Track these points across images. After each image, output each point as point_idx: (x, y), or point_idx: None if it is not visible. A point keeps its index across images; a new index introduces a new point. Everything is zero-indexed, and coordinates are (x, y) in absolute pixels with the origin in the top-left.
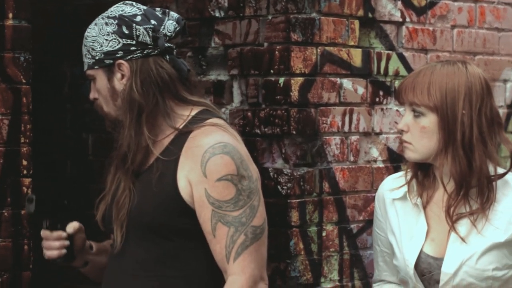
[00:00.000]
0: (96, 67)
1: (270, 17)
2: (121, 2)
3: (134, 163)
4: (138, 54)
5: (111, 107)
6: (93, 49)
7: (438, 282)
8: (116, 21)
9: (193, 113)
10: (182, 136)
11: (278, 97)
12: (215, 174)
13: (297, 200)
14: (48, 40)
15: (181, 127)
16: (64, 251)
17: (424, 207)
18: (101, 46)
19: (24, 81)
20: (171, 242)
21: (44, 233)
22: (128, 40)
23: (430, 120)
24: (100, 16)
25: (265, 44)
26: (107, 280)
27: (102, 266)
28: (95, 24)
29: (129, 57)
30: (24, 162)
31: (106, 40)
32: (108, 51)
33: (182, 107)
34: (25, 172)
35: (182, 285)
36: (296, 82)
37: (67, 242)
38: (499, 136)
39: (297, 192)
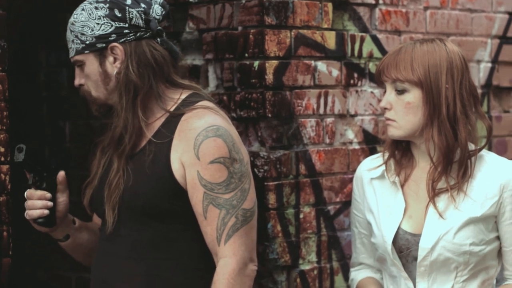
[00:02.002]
0: (86, 51)
1: (243, 1)
2: None
3: (130, 144)
4: (131, 37)
5: (102, 91)
6: (82, 34)
7: (415, 258)
8: (107, 4)
9: (183, 96)
10: (173, 119)
11: (253, 80)
12: (207, 156)
13: (274, 183)
14: (23, 27)
15: (172, 109)
16: (46, 211)
17: (402, 186)
18: (92, 30)
19: (0, 68)
20: (164, 225)
21: (28, 192)
22: (121, 23)
23: (414, 96)
24: (86, 1)
25: (239, 28)
26: (98, 262)
27: (83, 244)
28: (83, 10)
29: (122, 40)
30: (2, 149)
31: (98, 24)
32: (100, 34)
33: (172, 90)
34: (2, 159)
35: (173, 267)
36: (271, 66)
37: (50, 203)
38: (476, 110)
39: (273, 174)
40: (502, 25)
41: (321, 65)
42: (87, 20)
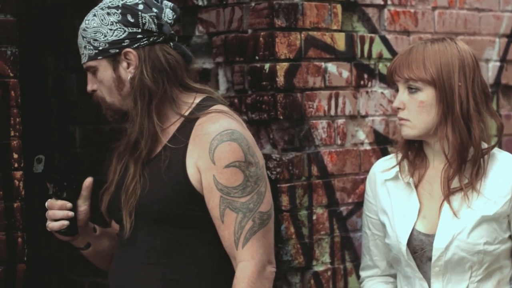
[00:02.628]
0: (99, 57)
1: (253, 4)
2: None
3: (146, 150)
4: (144, 42)
5: (116, 96)
6: (95, 40)
7: (430, 259)
8: (120, 10)
9: (197, 100)
10: (188, 124)
11: (264, 83)
12: (223, 160)
13: (287, 185)
14: (31, 33)
15: (186, 114)
16: (66, 222)
17: (416, 186)
18: (105, 36)
19: (11, 75)
20: (180, 229)
21: (49, 202)
22: (134, 29)
23: (427, 94)
24: (98, 7)
25: (249, 31)
26: (115, 268)
27: (104, 251)
28: (94, 15)
29: (136, 45)
30: (15, 155)
31: (111, 29)
32: (114, 40)
33: (186, 94)
34: (16, 165)
35: (191, 272)
36: (282, 68)
37: (70, 213)
38: (488, 108)
39: (286, 176)
40: (510, 24)
41: (331, 67)
42: (100, 26)
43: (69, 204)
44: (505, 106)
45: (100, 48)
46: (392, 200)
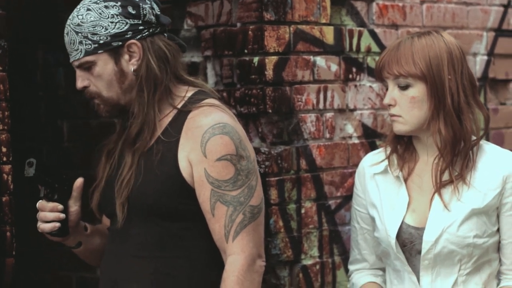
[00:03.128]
0: (100, 51)
1: None
2: None
3: (150, 141)
4: (146, 33)
5: (115, 90)
6: (94, 34)
7: (419, 252)
8: (119, 2)
9: (189, 93)
10: (180, 117)
11: (253, 76)
12: (214, 154)
13: (275, 178)
14: (20, 27)
15: (179, 106)
16: (58, 224)
17: (405, 180)
18: (107, 29)
19: (0, 68)
20: (172, 223)
21: (40, 203)
22: (135, 20)
23: (418, 90)
24: (89, 2)
25: (238, 24)
26: (106, 262)
27: (96, 249)
28: (89, 10)
29: (138, 36)
30: (4, 149)
31: (112, 22)
32: (116, 33)
33: (179, 87)
34: (5, 159)
35: (183, 266)
36: (271, 61)
37: (62, 215)
38: (475, 99)
39: (275, 170)
40: (497, 18)
41: (320, 60)
42: (99, 20)
43: (60, 206)
44: (493, 100)
45: (101, 41)
46: (381, 193)
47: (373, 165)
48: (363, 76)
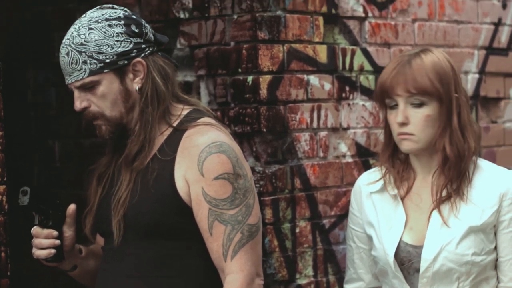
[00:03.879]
0: (106, 70)
1: (235, 16)
2: (98, 7)
3: (144, 159)
4: (147, 51)
5: (119, 110)
6: (100, 53)
7: (417, 270)
8: (122, 21)
9: (185, 112)
10: (176, 135)
11: (247, 95)
12: (212, 173)
13: (270, 198)
14: (10, 46)
15: (175, 124)
16: (53, 251)
17: (402, 198)
18: (112, 48)
19: None
20: (168, 242)
21: (35, 230)
22: (138, 39)
23: (433, 107)
24: (90, 21)
25: (232, 43)
26: (102, 281)
27: (90, 270)
28: (91, 29)
29: (142, 55)
30: None
31: (117, 41)
32: (122, 51)
33: (175, 105)
34: None
35: (178, 284)
36: (265, 80)
37: (57, 241)
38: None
39: (269, 189)
40: (488, 36)
41: (314, 79)
42: (104, 39)
43: (55, 233)
44: (484, 118)
45: (107, 60)
46: (378, 212)
47: (369, 184)
48: (356, 94)
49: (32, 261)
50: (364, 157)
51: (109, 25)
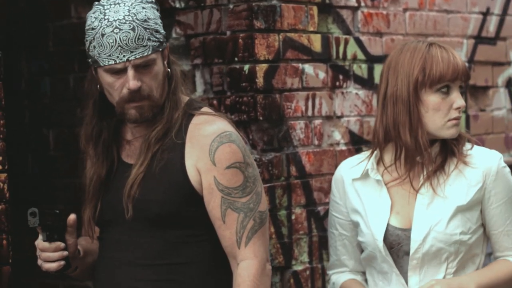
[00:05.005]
0: (160, 49)
1: (231, 6)
2: None
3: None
4: None
5: (160, 90)
6: (157, 32)
7: (407, 253)
8: (155, 5)
9: (185, 100)
10: (183, 122)
11: (243, 84)
12: (224, 162)
13: (267, 185)
14: (4, 35)
15: (181, 112)
16: (62, 262)
17: (386, 183)
18: (162, 28)
19: None
20: (177, 230)
21: (42, 245)
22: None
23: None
24: (137, 1)
25: (228, 33)
26: (106, 269)
27: (89, 267)
28: (144, 8)
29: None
30: (0, 158)
31: (161, 23)
32: (164, 33)
33: None
34: (0, 167)
35: (187, 272)
36: (261, 69)
37: (65, 253)
38: None
39: (266, 177)
40: (477, 25)
41: (308, 68)
42: (157, 18)
43: (62, 245)
44: (473, 106)
45: (161, 40)
46: (362, 199)
47: (351, 171)
48: (350, 83)
49: (23, 250)
50: (357, 145)
51: (152, 7)
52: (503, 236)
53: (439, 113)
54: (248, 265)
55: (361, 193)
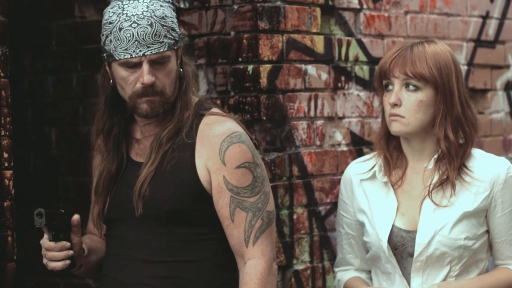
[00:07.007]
0: (175, 47)
1: (236, 7)
2: None
3: (173, 143)
4: None
5: (172, 89)
6: (173, 30)
7: (411, 255)
8: (172, 5)
9: (195, 100)
10: (191, 122)
11: (247, 84)
12: (234, 162)
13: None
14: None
15: (191, 112)
16: (68, 261)
17: (393, 185)
18: (177, 28)
19: (2, 74)
20: (186, 229)
21: (48, 244)
22: None
23: (427, 94)
24: (152, 1)
25: (232, 33)
26: (115, 265)
27: (93, 265)
28: (162, 6)
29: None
30: (5, 155)
31: (177, 23)
32: (179, 33)
33: None
34: (6, 164)
35: (195, 269)
36: (265, 69)
37: (71, 252)
38: None
39: (268, 176)
40: (477, 29)
41: (311, 69)
42: (173, 17)
43: (68, 244)
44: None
45: (177, 38)
46: (369, 199)
47: (360, 171)
48: (351, 84)
49: (24, 249)
50: (358, 146)
51: (169, 6)
52: (506, 245)
53: (385, 109)
54: (255, 264)
55: (369, 193)
